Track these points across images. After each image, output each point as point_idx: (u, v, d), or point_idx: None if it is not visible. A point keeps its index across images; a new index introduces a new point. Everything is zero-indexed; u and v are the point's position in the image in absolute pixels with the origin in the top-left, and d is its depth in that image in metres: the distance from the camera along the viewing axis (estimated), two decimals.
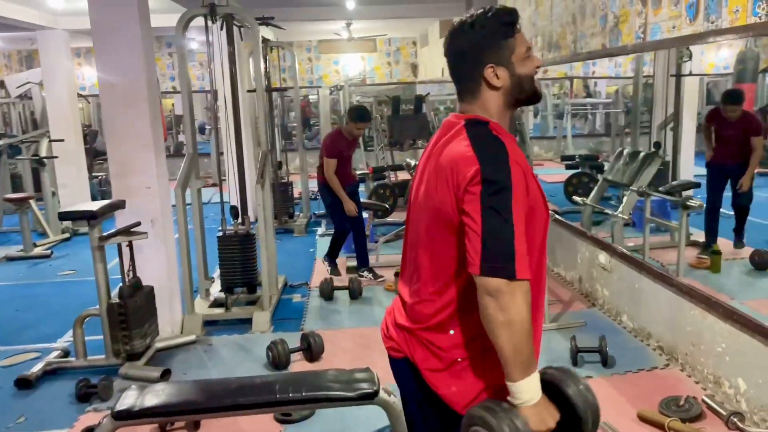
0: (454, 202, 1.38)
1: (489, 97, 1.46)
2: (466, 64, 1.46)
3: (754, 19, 2.62)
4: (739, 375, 2.90)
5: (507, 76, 1.44)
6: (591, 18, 4.20)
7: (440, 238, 1.45)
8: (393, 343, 1.62)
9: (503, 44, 1.43)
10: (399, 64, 12.54)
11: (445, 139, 1.47)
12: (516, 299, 1.29)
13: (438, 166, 1.44)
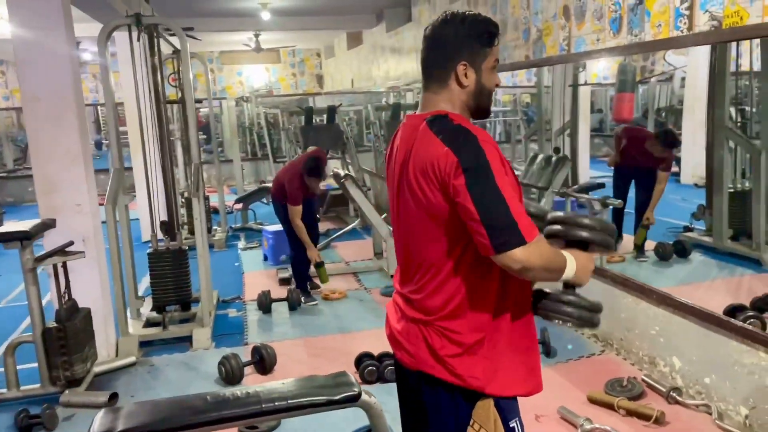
0: (442, 197, 1.48)
1: (456, 91, 1.55)
2: (444, 53, 1.55)
3: (677, 32, 2.94)
4: (673, 354, 3.21)
5: (474, 79, 1.54)
6: (513, 31, 4.47)
7: (436, 233, 1.53)
8: (403, 352, 1.67)
9: (480, 50, 1.54)
10: (304, 75, 12.56)
11: (418, 143, 1.54)
12: (538, 253, 1.43)
13: (421, 170, 1.51)
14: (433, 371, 1.59)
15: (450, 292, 1.56)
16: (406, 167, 1.58)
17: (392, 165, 1.68)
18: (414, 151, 1.55)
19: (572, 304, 1.56)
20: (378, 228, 5.58)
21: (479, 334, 1.56)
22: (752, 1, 2.51)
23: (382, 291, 5.17)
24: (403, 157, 1.60)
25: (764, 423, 2.70)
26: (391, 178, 1.69)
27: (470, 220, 1.43)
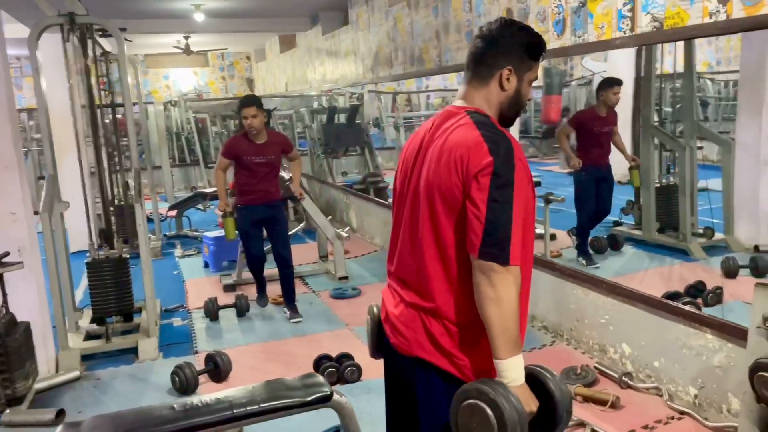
0: (460, 185, 1.51)
1: (495, 92, 1.62)
2: (495, 53, 1.60)
3: (619, 33, 3.08)
4: (623, 341, 3.36)
5: (514, 86, 1.62)
6: (456, 33, 4.56)
7: (445, 218, 1.56)
8: (399, 337, 1.68)
9: (527, 60, 1.62)
10: (234, 78, 12.32)
11: (449, 126, 1.59)
12: (506, 281, 1.46)
13: (443, 150, 1.55)
14: (430, 357, 1.61)
15: (452, 279, 1.58)
16: (435, 148, 1.60)
17: (417, 145, 1.69)
18: (449, 135, 1.57)
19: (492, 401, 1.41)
20: (325, 230, 5.55)
21: (476, 321, 1.58)
22: (692, 2, 2.68)
23: (332, 293, 5.14)
24: (433, 137, 1.63)
25: (713, 401, 2.87)
26: (410, 157, 1.71)
27: (474, 217, 1.48)
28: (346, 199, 7.68)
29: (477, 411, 1.43)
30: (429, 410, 1.66)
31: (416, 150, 1.69)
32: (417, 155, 1.68)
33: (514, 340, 1.47)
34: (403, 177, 1.73)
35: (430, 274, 1.60)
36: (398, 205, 1.75)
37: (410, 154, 1.72)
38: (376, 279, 5.53)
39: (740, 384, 2.72)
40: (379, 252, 6.44)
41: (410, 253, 1.67)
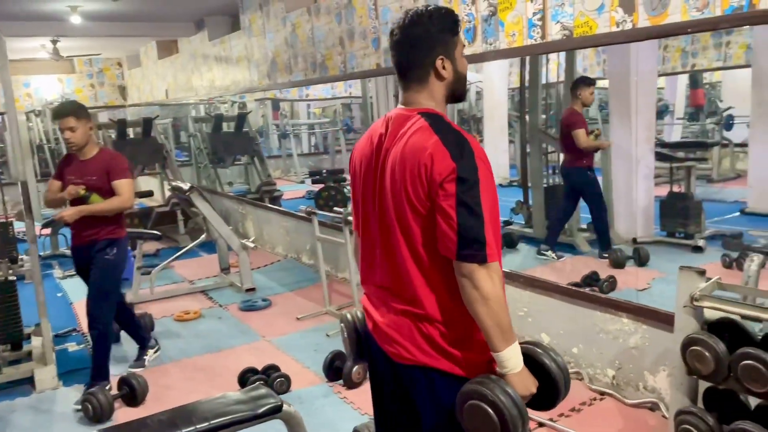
0: (425, 192, 1.51)
1: (436, 86, 1.62)
2: (420, 52, 1.59)
3: (530, 41, 3.27)
4: (542, 331, 3.55)
5: (451, 69, 1.62)
6: (361, 40, 4.61)
7: (415, 222, 1.56)
8: (396, 346, 1.66)
9: (452, 39, 1.61)
10: (104, 86, 11.57)
11: (406, 130, 1.57)
12: (488, 278, 1.49)
13: (405, 156, 1.54)
14: (431, 362, 1.60)
15: (430, 279, 1.58)
16: (394, 155, 1.58)
17: (373, 152, 1.67)
18: (408, 141, 1.56)
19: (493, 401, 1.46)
20: (229, 241, 5.36)
21: (464, 317, 1.60)
22: (600, 12, 2.91)
23: (241, 306, 4.97)
24: (390, 145, 1.61)
25: (630, 380, 3.11)
26: (368, 167, 1.68)
27: (446, 223, 1.49)
28: (241, 209, 7.47)
29: (480, 412, 1.47)
30: (434, 412, 1.66)
31: (371, 155, 1.67)
32: (374, 161, 1.66)
33: (508, 331, 1.52)
34: (363, 184, 1.71)
35: (411, 280, 1.60)
36: (364, 213, 1.73)
37: (365, 160, 1.70)
38: (284, 288, 5.43)
39: (655, 362, 2.99)
40: (283, 261, 6.33)
41: (388, 262, 1.65)
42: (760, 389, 1.98)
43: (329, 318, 4.59)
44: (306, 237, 6.02)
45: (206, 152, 8.90)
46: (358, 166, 1.74)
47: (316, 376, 3.64)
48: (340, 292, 5.08)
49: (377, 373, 1.81)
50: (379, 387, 1.82)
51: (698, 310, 2.22)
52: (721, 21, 2.44)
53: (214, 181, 8.90)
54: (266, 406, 2.19)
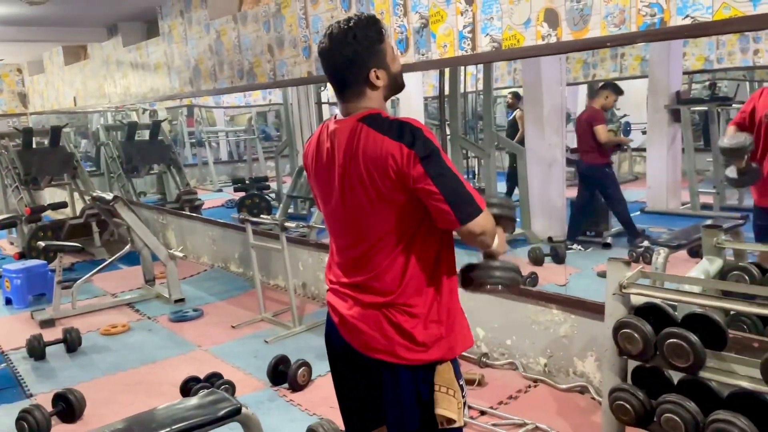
0: (399, 186, 1.63)
1: (372, 95, 1.71)
2: (354, 71, 1.67)
3: (461, 52, 3.47)
4: (477, 326, 3.74)
5: (385, 75, 1.70)
6: (291, 48, 4.67)
7: (390, 218, 1.68)
8: (361, 337, 1.76)
9: (380, 48, 1.68)
10: (3, 93, 10.91)
11: (364, 142, 1.65)
12: (486, 220, 1.66)
13: (373, 164, 1.63)
14: (397, 357, 1.71)
15: (405, 270, 1.70)
16: (352, 165, 1.68)
17: (328, 164, 1.75)
18: (362, 149, 1.65)
19: (501, 268, 1.83)
20: (156, 251, 5.24)
21: (432, 303, 1.73)
22: (527, 26, 3.14)
23: (172, 317, 4.88)
24: (344, 157, 1.69)
25: (560, 367, 3.35)
26: (328, 178, 1.76)
27: (433, 200, 1.61)
28: (162, 219, 7.28)
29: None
30: (397, 403, 1.77)
31: (327, 166, 1.75)
32: (330, 171, 1.74)
33: (502, 240, 1.77)
34: (326, 193, 1.79)
35: (386, 273, 1.71)
36: (335, 218, 1.81)
37: (322, 171, 1.78)
38: (215, 298, 5.37)
39: (583, 349, 3.24)
40: (210, 271, 6.24)
41: (361, 259, 1.75)
42: (682, 364, 2.23)
43: (266, 325, 4.60)
44: (234, 245, 5.97)
45: (119, 161, 8.58)
46: (317, 178, 1.82)
47: (259, 382, 3.66)
48: (274, 299, 5.09)
49: (345, 369, 1.89)
50: (347, 381, 1.91)
51: (626, 296, 2.46)
52: (636, 36, 2.71)
53: (128, 191, 8.60)
54: (225, 410, 2.25)
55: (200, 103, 12.22)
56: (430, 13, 3.57)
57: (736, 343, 2.47)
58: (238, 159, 12.79)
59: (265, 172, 10.84)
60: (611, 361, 2.51)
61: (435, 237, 1.73)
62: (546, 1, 2.99)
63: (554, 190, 6.39)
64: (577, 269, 5.37)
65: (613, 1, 2.74)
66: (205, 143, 11.45)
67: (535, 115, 6.43)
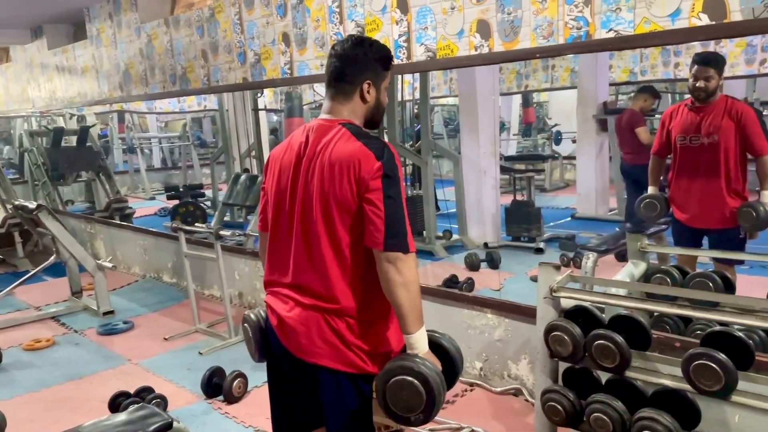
0: (355, 191, 1.66)
1: (358, 105, 1.79)
2: (354, 70, 1.76)
3: (397, 61, 3.49)
4: None
5: (375, 96, 1.81)
6: (226, 54, 4.60)
7: (341, 222, 1.69)
8: (300, 340, 1.74)
9: (382, 72, 1.82)
10: None
11: (330, 139, 1.71)
12: (410, 266, 1.67)
13: (332, 162, 1.67)
14: (338, 363, 1.71)
15: (352, 279, 1.71)
16: (318, 160, 1.71)
17: (294, 157, 1.77)
18: (333, 148, 1.69)
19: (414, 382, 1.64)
20: (83, 262, 5.03)
21: (376, 317, 1.75)
22: (460, 37, 3.20)
23: (100, 330, 4.69)
24: (314, 151, 1.73)
25: (496, 370, 3.41)
26: (288, 170, 1.78)
27: (374, 215, 1.64)
28: (90, 229, 7.00)
29: (405, 385, 1.61)
30: (337, 409, 1.76)
31: (294, 162, 1.78)
32: (297, 167, 1.77)
33: (420, 315, 1.69)
34: (282, 190, 1.80)
35: (331, 278, 1.71)
36: (278, 216, 1.81)
37: (287, 166, 1.80)
38: (147, 309, 5.20)
39: (517, 352, 3.32)
40: (142, 281, 6.04)
41: (308, 261, 1.74)
42: (610, 365, 2.31)
43: (200, 336, 4.49)
44: (167, 255, 5.81)
45: (45, 169, 8.22)
46: (277, 172, 1.83)
47: (193, 395, 3.56)
48: (209, 310, 4.98)
49: (281, 372, 1.88)
50: (282, 386, 1.89)
51: (556, 300, 2.53)
52: (563, 48, 2.81)
53: (53, 200, 8.24)
54: (156, 425, 2.18)
55: (132, 109, 11.89)
56: (366, 21, 3.59)
57: (659, 343, 2.59)
58: (172, 166, 12.48)
59: (201, 180, 10.63)
60: (543, 363, 2.57)
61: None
62: (478, 13, 3.06)
63: (489, 197, 6.54)
64: (512, 274, 5.50)
65: (542, 13, 2.83)
66: (136, 150, 11.11)
67: (470, 124, 6.56)
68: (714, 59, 3.42)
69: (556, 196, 9.83)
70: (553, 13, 2.78)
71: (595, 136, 7.63)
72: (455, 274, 5.19)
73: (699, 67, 3.39)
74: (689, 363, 2.08)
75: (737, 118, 3.31)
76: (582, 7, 2.67)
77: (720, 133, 3.32)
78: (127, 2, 5.55)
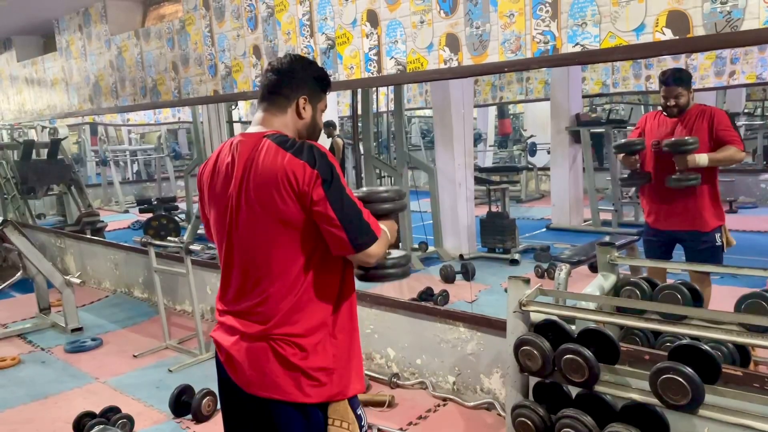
0: (296, 205, 1.60)
1: (293, 119, 1.74)
2: (291, 83, 1.72)
3: (368, 74, 3.49)
4: (387, 346, 3.73)
5: (310, 115, 1.76)
6: (197, 66, 4.55)
7: (285, 238, 1.63)
8: (247, 375, 1.68)
9: (319, 92, 1.78)
10: None
11: (265, 157, 1.63)
12: (381, 246, 1.68)
13: (272, 180, 1.60)
14: (282, 395, 1.65)
15: (298, 295, 1.65)
16: (248, 180, 1.64)
17: (223, 180, 1.70)
18: (261, 164, 1.62)
19: (395, 266, 1.85)
20: (51, 278, 4.93)
21: (326, 337, 1.69)
22: (430, 51, 3.20)
23: (68, 348, 4.58)
24: (243, 170, 1.65)
25: (468, 384, 3.39)
26: (223, 192, 1.71)
27: (329, 225, 1.59)
28: (59, 243, 6.87)
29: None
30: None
31: (223, 186, 1.71)
32: (228, 186, 1.69)
33: (387, 238, 1.73)
34: (220, 216, 1.73)
35: (275, 297, 1.65)
36: (226, 243, 1.74)
37: (219, 192, 1.73)
38: (117, 326, 5.10)
39: (489, 366, 3.30)
40: (112, 297, 5.93)
41: (252, 285, 1.68)
42: (579, 379, 2.29)
43: (170, 353, 4.40)
44: (138, 269, 5.71)
45: (14, 182, 8.07)
46: (210, 199, 1.76)
47: (161, 414, 3.48)
48: (180, 325, 4.89)
49: (231, 405, 1.81)
50: (235, 421, 1.83)
51: (525, 314, 2.52)
52: (531, 62, 2.82)
53: (23, 214, 8.08)
54: None
55: (105, 121, 11.75)
56: (337, 34, 3.58)
57: (629, 355, 2.59)
58: (148, 178, 12.33)
59: (176, 192, 10.51)
60: (513, 377, 2.56)
61: (332, 266, 1.70)
62: (447, 27, 3.06)
63: (464, 208, 6.54)
64: (487, 285, 5.50)
65: (509, 28, 2.84)
66: (109, 162, 10.96)
67: (445, 136, 6.58)
68: (679, 77, 3.45)
69: (531, 207, 9.89)
70: (521, 28, 2.79)
71: (567, 147, 7.70)
72: (430, 286, 5.17)
73: (666, 88, 3.44)
74: (657, 377, 2.08)
75: (710, 119, 3.37)
76: (549, 22, 2.69)
77: (693, 135, 3.35)
78: (96, 14, 5.49)
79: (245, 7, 4.06)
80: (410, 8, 3.19)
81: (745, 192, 8.62)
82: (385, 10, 3.31)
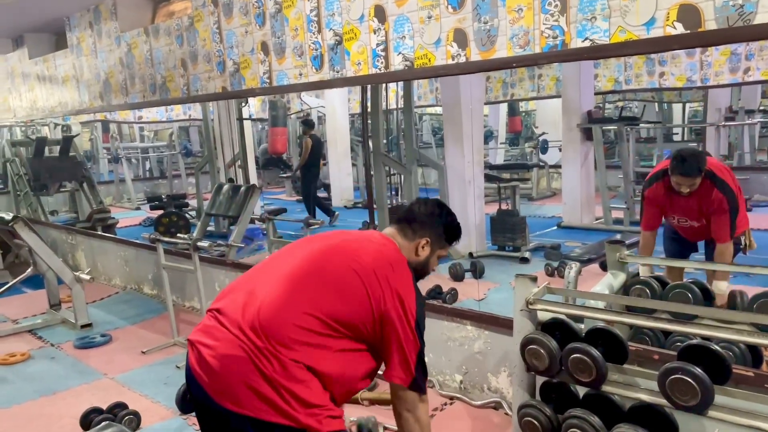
0: (376, 300, 1.74)
1: (412, 252, 1.95)
2: (424, 223, 1.97)
3: (375, 70, 3.46)
4: None
5: (426, 255, 1.97)
6: (205, 63, 4.55)
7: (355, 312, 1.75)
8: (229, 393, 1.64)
9: (443, 240, 2.00)
10: None
11: (386, 254, 1.85)
12: (426, 410, 1.82)
13: (381, 269, 1.78)
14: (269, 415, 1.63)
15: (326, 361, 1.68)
16: (362, 257, 1.80)
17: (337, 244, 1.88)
18: (379, 254, 1.84)
19: None
20: (61, 274, 4.95)
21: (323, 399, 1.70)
22: (438, 46, 3.16)
23: (77, 344, 4.60)
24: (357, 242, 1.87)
25: (476, 383, 3.36)
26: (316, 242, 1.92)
27: (401, 346, 1.77)
28: (71, 240, 6.91)
29: None
30: None
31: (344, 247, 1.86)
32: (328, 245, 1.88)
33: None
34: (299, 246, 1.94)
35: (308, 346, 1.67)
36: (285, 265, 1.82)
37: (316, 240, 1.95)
38: (126, 322, 5.12)
39: (497, 364, 3.27)
40: (122, 293, 5.96)
41: (290, 314, 1.69)
42: (586, 379, 2.26)
43: (178, 349, 4.41)
44: (148, 266, 5.73)
45: (27, 179, 8.14)
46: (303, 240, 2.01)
47: (168, 411, 3.48)
48: (188, 322, 4.90)
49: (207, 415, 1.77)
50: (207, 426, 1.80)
51: (533, 312, 2.49)
52: (539, 57, 2.78)
53: (36, 210, 8.15)
54: None
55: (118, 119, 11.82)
56: (344, 30, 3.56)
57: (638, 355, 2.55)
58: (160, 175, 12.38)
59: (187, 189, 10.55)
60: (520, 377, 2.53)
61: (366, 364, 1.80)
62: (455, 22, 3.03)
63: (474, 206, 6.50)
64: (496, 284, 5.46)
65: (518, 23, 2.80)
66: (121, 159, 11.01)
67: (455, 134, 6.53)
68: (697, 168, 3.27)
69: (542, 205, 9.82)
70: (529, 22, 2.75)
71: (579, 145, 7.63)
72: (439, 284, 5.14)
73: (683, 177, 3.29)
74: (665, 377, 2.03)
75: (718, 203, 3.32)
76: (558, 16, 2.65)
77: (707, 217, 3.41)
78: (107, 11, 5.50)
79: (253, 3, 4.04)
80: (418, 3, 3.15)
81: (761, 190, 8.51)
82: (393, 6, 3.28)
